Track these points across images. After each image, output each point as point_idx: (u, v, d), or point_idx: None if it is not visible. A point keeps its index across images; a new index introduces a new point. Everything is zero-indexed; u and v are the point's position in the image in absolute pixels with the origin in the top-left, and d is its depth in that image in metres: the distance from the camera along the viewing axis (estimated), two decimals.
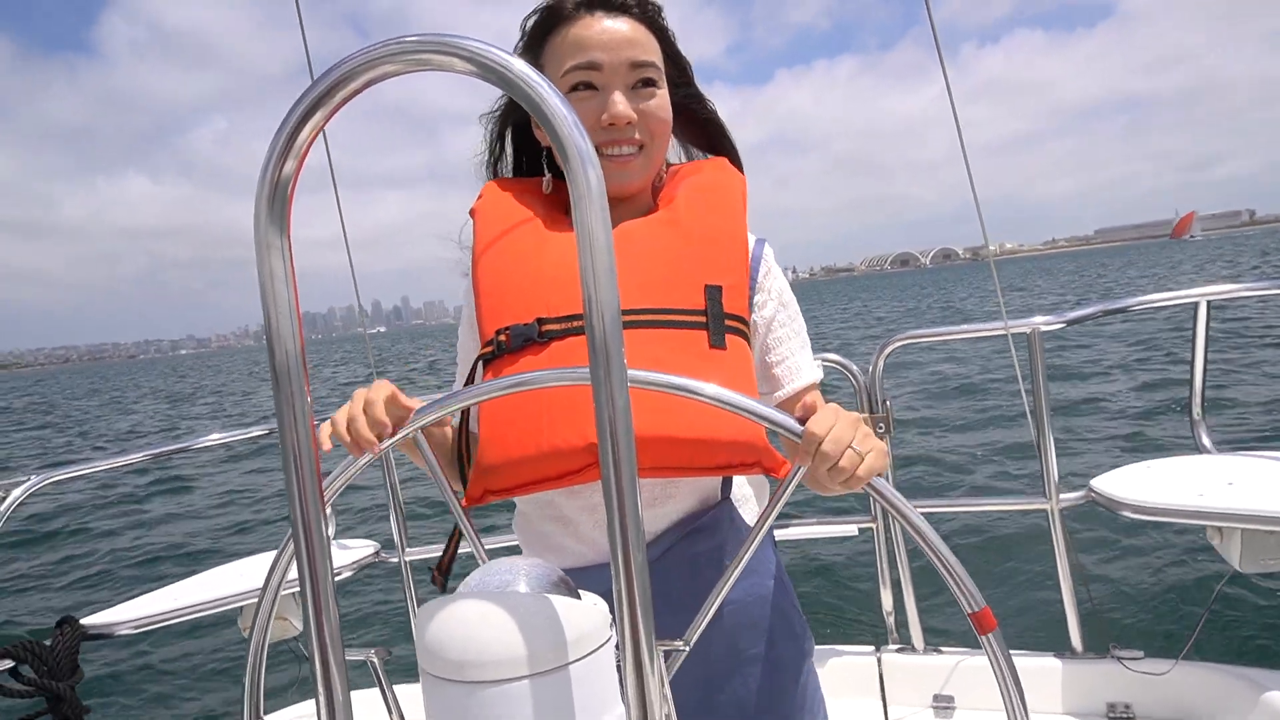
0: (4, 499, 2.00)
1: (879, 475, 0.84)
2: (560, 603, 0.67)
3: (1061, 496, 2.09)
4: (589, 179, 0.55)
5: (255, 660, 1.03)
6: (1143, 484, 1.93)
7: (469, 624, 0.65)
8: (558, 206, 1.22)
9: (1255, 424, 7.43)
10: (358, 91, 0.57)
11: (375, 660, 0.81)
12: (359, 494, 7.76)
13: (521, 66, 0.56)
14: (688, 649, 0.71)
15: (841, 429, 0.83)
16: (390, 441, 0.95)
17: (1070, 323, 2.12)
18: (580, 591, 0.75)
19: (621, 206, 1.19)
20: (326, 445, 1.00)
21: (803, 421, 0.84)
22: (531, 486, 1.04)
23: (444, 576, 1.09)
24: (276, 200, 0.58)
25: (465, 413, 1.19)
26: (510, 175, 1.32)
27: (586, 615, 0.67)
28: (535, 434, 1.01)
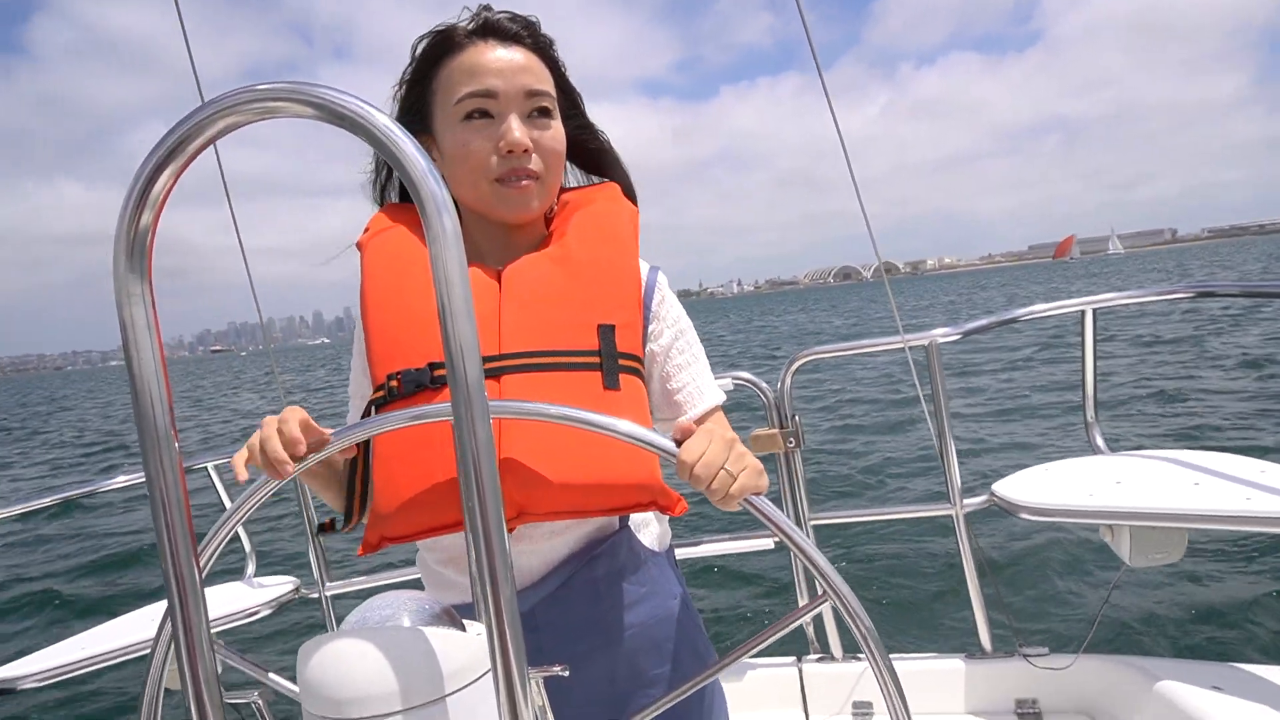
0: None
1: (756, 493, 0.86)
2: (439, 635, 0.68)
3: (965, 501, 2.16)
4: (444, 224, 0.57)
5: (150, 710, 1.01)
6: (1040, 486, 2.01)
7: (346, 661, 0.65)
8: None
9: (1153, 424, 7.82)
10: (211, 141, 0.58)
11: (260, 702, 0.81)
12: (281, 529, 7.56)
13: (382, 119, 0.57)
14: (566, 674, 0.73)
15: (713, 452, 0.86)
16: (305, 465, 0.93)
17: (966, 334, 2.20)
18: (466, 622, 0.76)
19: (515, 234, 1.19)
20: (242, 475, 0.97)
21: (680, 444, 0.87)
22: (427, 533, 1.05)
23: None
24: (135, 251, 0.58)
25: (365, 450, 1.18)
26: (397, 195, 1.30)
27: (465, 647, 0.69)
28: (428, 481, 1.01)
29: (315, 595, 2.50)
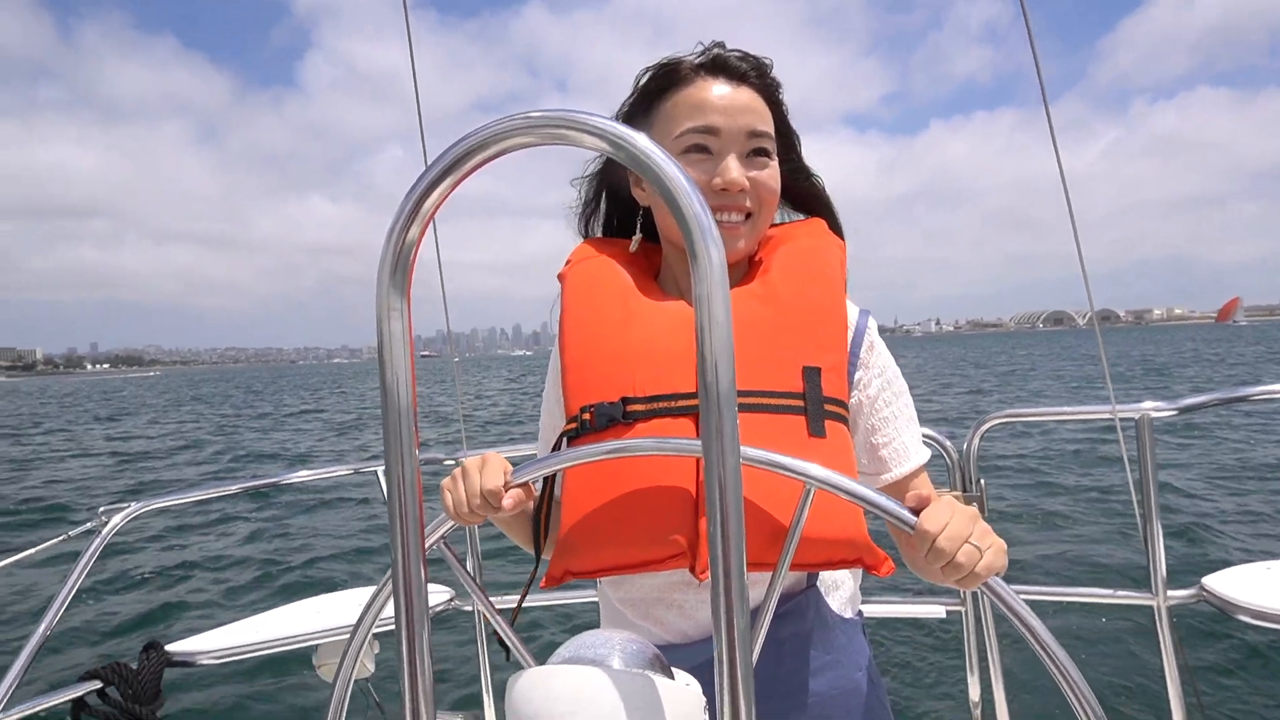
0: (105, 525, 2.07)
1: (998, 574, 0.80)
2: (656, 682, 0.65)
3: (1170, 593, 1.96)
4: (710, 255, 0.55)
5: (340, 699, 1.04)
6: (1262, 586, 1.80)
7: (564, 697, 0.64)
8: (645, 271, 1.22)
9: None
10: (489, 160, 0.58)
11: None
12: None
13: (645, 142, 0.56)
14: None
15: (958, 524, 0.80)
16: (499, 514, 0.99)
17: (1183, 410, 2.00)
18: (674, 670, 0.73)
19: None
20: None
21: (916, 512, 0.81)
22: (613, 570, 1.02)
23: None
24: (400, 264, 0.59)
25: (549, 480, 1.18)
26: (602, 229, 1.32)
27: (682, 698, 0.66)
28: (621, 518, 0.99)
29: (469, 608, 2.53)
